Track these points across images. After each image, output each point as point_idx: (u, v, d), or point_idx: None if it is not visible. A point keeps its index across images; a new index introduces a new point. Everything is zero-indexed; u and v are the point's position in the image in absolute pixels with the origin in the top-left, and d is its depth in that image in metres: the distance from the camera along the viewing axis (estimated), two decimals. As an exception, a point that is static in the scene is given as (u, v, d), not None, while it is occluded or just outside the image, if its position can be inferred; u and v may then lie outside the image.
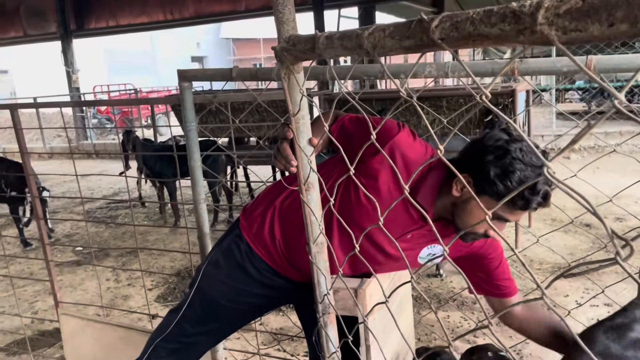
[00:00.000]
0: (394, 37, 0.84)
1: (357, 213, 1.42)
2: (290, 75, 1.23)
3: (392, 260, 1.49)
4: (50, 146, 12.34)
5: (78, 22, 12.02)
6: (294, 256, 1.55)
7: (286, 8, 1.21)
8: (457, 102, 4.88)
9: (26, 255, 5.03)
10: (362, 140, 1.04)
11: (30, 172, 2.39)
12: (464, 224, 1.31)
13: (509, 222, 1.28)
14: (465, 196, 1.27)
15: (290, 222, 1.56)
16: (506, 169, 1.16)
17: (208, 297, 1.64)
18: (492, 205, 1.19)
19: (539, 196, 1.16)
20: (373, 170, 1.38)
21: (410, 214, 1.40)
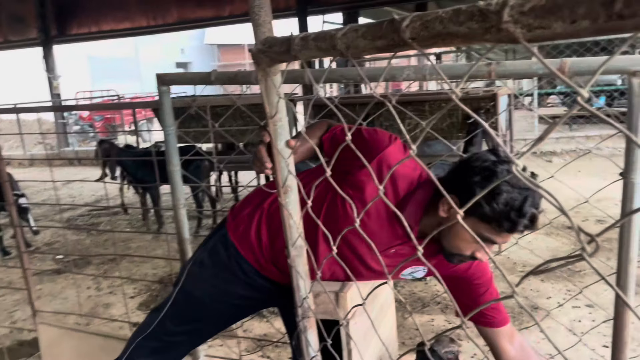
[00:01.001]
0: (367, 37, 0.84)
1: (343, 225, 1.40)
2: (266, 77, 1.22)
3: (373, 274, 1.48)
4: (31, 153, 12.17)
5: (59, 27, 11.89)
6: (279, 258, 1.55)
7: (262, 10, 1.21)
8: (440, 106, 4.92)
9: (5, 264, 4.94)
10: (352, 152, 1.03)
11: (5, 179, 2.34)
12: (450, 245, 1.30)
13: (496, 244, 1.26)
14: (451, 217, 1.25)
15: (277, 224, 1.55)
16: (492, 190, 1.15)
17: (192, 296, 1.63)
18: (478, 227, 1.19)
19: (526, 219, 1.16)
20: (360, 182, 1.38)
21: (395, 229, 1.39)
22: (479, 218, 1.19)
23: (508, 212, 1.14)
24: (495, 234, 1.21)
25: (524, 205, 1.14)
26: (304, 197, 1.15)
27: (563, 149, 8.83)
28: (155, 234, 5.61)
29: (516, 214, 1.15)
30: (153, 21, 11.18)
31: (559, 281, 3.87)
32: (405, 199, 1.36)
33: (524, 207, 1.15)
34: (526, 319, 3.37)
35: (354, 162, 1.32)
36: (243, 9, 10.23)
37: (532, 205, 1.15)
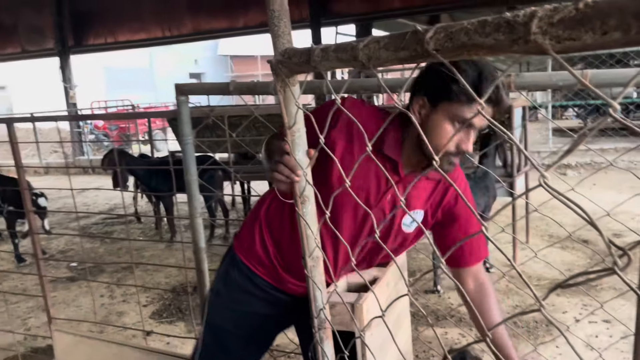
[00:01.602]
0: (389, 48, 0.84)
1: (334, 188, 1.41)
2: (285, 88, 1.23)
3: (380, 232, 1.49)
4: (47, 162, 12.32)
5: (76, 38, 12.07)
6: (290, 261, 1.54)
7: (281, 21, 1.22)
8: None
9: (20, 271, 4.98)
10: (318, 126, 1.16)
11: (25, 187, 2.37)
12: (434, 145, 1.26)
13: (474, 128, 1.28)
14: (426, 116, 1.28)
15: (277, 226, 1.56)
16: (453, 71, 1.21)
17: (216, 328, 1.63)
18: (450, 111, 1.24)
19: (489, 82, 1.19)
20: (332, 144, 1.38)
21: (380, 176, 1.39)
22: (448, 100, 1.23)
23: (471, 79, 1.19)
24: (467, 108, 1.23)
25: (482, 72, 1.20)
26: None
27: (578, 162, 8.75)
28: (168, 243, 5.64)
29: (478, 79, 1.19)
30: (168, 32, 11.31)
31: (575, 295, 3.81)
32: (381, 138, 1.36)
33: (483, 73, 1.20)
34: (541, 334, 3.33)
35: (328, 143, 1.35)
36: (257, 21, 10.32)
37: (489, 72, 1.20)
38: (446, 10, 10.51)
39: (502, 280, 4.23)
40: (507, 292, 4.03)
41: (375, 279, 1.65)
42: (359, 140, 1.38)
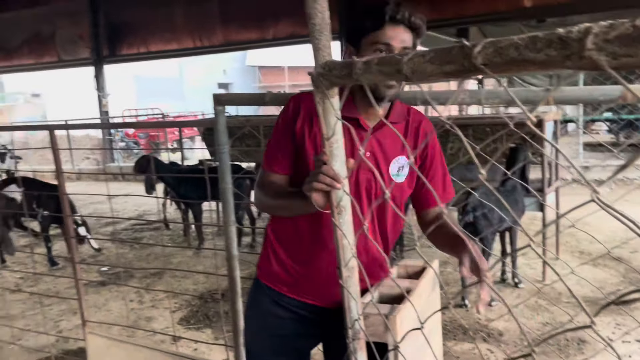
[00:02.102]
0: (434, 62, 0.85)
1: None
2: (325, 99, 1.25)
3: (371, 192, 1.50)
4: (79, 168, 12.61)
5: (110, 48, 12.38)
6: (308, 266, 1.55)
7: (323, 35, 1.24)
8: (483, 131, 4.87)
9: (52, 274, 5.10)
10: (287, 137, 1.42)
11: (64, 192, 2.44)
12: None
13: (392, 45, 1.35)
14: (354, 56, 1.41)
15: (287, 237, 1.58)
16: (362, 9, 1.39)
17: (256, 355, 1.66)
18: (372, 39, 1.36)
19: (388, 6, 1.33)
20: (298, 135, 1.47)
21: (351, 138, 1.43)
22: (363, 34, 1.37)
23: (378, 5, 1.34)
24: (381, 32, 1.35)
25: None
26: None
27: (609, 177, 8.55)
28: (196, 250, 5.70)
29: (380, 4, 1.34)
30: (199, 42, 11.50)
31: (608, 314, 3.72)
32: None
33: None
34: (573, 352, 3.26)
35: (297, 131, 1.47)
36: (286, 32, 10.43)
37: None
38: (476, 24, 10.45)
39: (532, 296, 4.16)
40: (536, 308, 3.96)
41: (408, 291, 1.65)
42: (316, 121, 1.45)
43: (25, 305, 4.34)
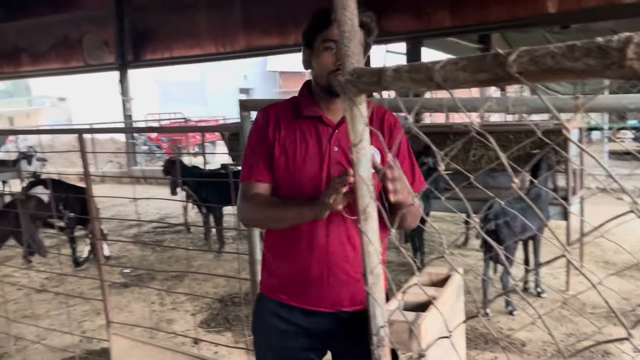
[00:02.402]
0: (467, 70, 0.85)
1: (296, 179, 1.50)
2: (353, 106, 1.25)
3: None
4: (102, 170, 12.81)
5: (135, 53, 12.58)
6: (298, 267, 1.54)
7: (352, 42, 1.24)
8: (507, 138, 4.82)
9: (77, 274, 5.18)
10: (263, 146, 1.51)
11: (91, 194, 2.49)
12: (321, 74, 1.48)
13: (336, 41, 1.42)
14: (311, 61, 1.51)
15: (274, 242, 1.60)
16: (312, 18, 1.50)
17: None
18: (320, 41, 1.46)
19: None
20: (271, 142, 1.53)
21: (317, 136, 1.50)
22: (316, 33, 1.47)
23: (323, 9, 1.44)
24: (330, 29, 1.44)
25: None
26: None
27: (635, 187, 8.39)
28: (217, 254, 5.74)
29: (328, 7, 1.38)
30: (222, 48, 11.63)
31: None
32: (297, 111, 1.54)
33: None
34: (598, 364, 3.20)
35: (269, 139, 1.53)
36: (308, 38, 10.46)
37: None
38: (498, 30, 10.37)
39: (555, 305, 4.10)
40: (560, 319, 3.90)
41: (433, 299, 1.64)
42: (284, 124, 1.53)
43: (50, 305, 4.41)
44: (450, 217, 7.09)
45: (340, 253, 1.51)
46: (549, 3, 8.35)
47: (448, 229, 6.75)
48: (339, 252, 1.51)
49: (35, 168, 9.05)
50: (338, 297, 1.53)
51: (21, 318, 3.99)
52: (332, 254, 1.50)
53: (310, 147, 1.50)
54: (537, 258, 4.37)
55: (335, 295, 1.53)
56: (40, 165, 9.27)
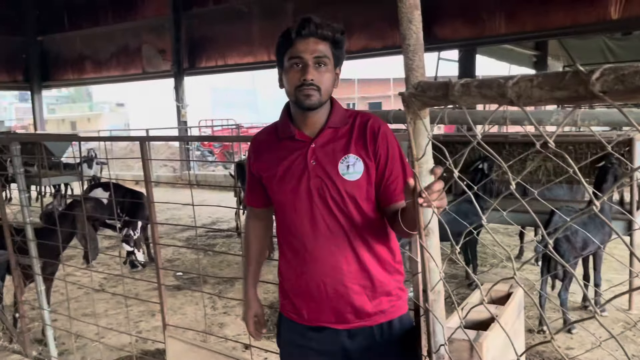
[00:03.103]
0: (543, 87, 0.82)
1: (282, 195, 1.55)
2: (416, 120, 1.24)
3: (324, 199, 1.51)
4: (157, 175, 13.22)
5: (190, 61, 12.97)
6: (301, 281, 1.55)
7: (417, 55, 1.24)
8: (566, 149, 4.65)
9: (132, 276, 5.36)
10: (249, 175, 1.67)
11: (152, 200, 2.57)
12: (292, 90, 1.50)
13: (302, 57, 1.46)
14: (282, 78, 1.55)
15: (282, 262, 1.64)
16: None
17: None
18: (287, 59, 1.50)
19: (296, 23, 1.47)
20: (259, 172, 1.62)
21: (296, 154, 1.52)
22: (282, 54, 1.52)
23: (286, 29, 1.51)
24: (294, 47, 1.48)
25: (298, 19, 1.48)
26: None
27: None
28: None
29: (293, 25, 1.49)
30: (274, 56, 11.77)
31: None
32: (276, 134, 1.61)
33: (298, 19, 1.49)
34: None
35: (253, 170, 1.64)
36: (359, 46, 10.47)
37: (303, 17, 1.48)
38: (557, 36, 10.05)
39: (616, 325, 3.91)
40: (621, 339, 3.72)
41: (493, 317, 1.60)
42: (266, 149, 1.59)
43: (108, 305, 4.58)
44: (503, 229, 6.89)
45: (331, 264, 1.50)
46: (612, 9, 8.03)
47: (501, 241, 6.57)
48: (329, 263, 1.50)
49: (95, 171, 9.44)
50: (340, 310, 1.52)
51: (81, 316, 4.15)
52: (323, 265, 1.50)
53: (290, 165, 1.53)
54: (598, 274, 4.18)
55: (336, 308, 1.52)
56: (100, 168, 9.66)
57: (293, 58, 1.48)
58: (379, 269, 1.52)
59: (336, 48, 1.51)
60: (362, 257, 1.51)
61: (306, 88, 1.46)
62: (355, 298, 1.50)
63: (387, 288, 1.53)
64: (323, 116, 1.54)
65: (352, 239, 1.51)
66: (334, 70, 1.52)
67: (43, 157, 6.39)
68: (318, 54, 1.46)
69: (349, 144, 1.52)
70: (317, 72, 1.47)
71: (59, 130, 31.24)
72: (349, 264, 1.50)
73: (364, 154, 1.51)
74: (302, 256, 1.53)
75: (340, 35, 1.51)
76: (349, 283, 1.50)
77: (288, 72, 1.50)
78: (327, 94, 1.51)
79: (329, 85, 1.50)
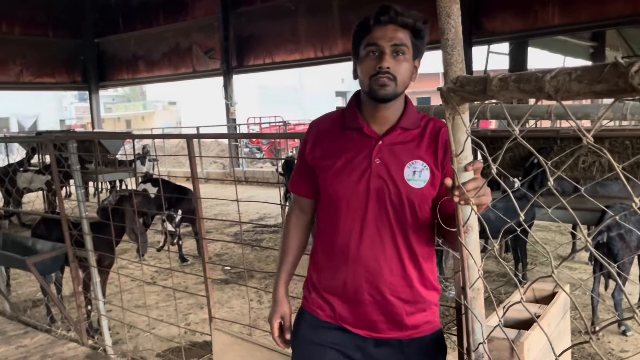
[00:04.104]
0: (582, 81, 0.80)
1: (335, 190, 1.46)
2: (455, 115, 1.22)
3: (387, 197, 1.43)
4: (207, 171, 13.53)
5: (239, 59, 13.21)
6: (334, 280, 1.49)
7: (455, 50, 1.22)
8: (622, 144, 4.45)
9: (182, 270, 5.52)
10: (301, 162, 1.57)
11: (199, 196, 2.64)
12: (366, 79, 1.41)
13: (379, 44, 1.38)
14: (357, 68, 1.46)
15: (314, 254, 1.57)
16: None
17: None
18: (362, 46, 1.42)
19: (375, 10, 1.40)
20: (308, 160, 1.53)
21: (361, 147, 1.44)
22: (360, 40, 1.43)
23: (364, 17, 1.43)
24: (371, 34, 1.40)
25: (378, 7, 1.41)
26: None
27: None
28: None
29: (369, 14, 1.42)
30: (320, 53, 11.88)
31: None
32: (341, 123, 1.52)
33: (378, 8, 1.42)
34: None
35: (307, 157, 1.54)
36: (406, 40, 10.37)
37: (382, 5, 1.40)
38: (615, 26, 9.61)
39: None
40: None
41: (537, 317, 1.56)
42: (327, 138, 1.51)
43: (159, 297, 4.74)
44: (555, 227, 6.67)
45: (374, 270, 1.43)
46: (675, -5, 7.62)
47: (553, 239, 6.37)
48: (372, 269, 1.43)
49: (148, 168, 9.76)
50: (373, 319, 1.45)
51: (134, 307, 4.32)
52: (365, 269, 1.43)
53: (352, 158, 1.45)
54: (656, 275, 4.00)
55: (369, 315, 1.45)
56: (152, 165, 9.98)
57: (370, 45, 1.39)
58: (420, 284, 1.46)
59: (416, 37, 1.41)
60: (407, 268, 1.44)
61: (382, 76, 1.37)
62: (392, 310, 1.44)
63: (424, 304, 1.47)
64: (395, 113, 1.46)
65: (400, 248, 1.44)
66: (412, 61, 1.42)
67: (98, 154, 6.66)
68: (397, 42, 1.38)
69: (419, 149, 1.44)
70: (395, 61, 1.38)
71: (115, 128, 32.50)
72: (392, 274, 1.43)
73: (433, 163, 1.43)
74: (345, 255, 1.45)
75: (422, 24, 1.41)
76: (389, 294, 1.43)
77: (363, 61, 1.42)
78: (404, 85, 1.42)
79: (406, 77, 1.41)
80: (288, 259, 1.67)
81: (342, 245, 1.45)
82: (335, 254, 1.48)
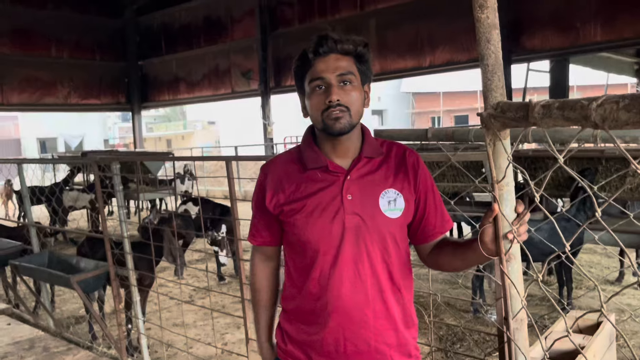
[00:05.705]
0: (631, 110, 0.78)
1: (306, 234, 1.37)
2: (496, 141, 1.21)
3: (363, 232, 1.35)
4: (245, 190, 13.69)
5: (276, 80, 13.41)
6: (319, 330, 1.38)
7: (495, 75, 1.20)
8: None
9: (220, 289, 5.56)
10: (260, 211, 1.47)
11: (236, 217, 2.67)
12: (316, 115, 1.36)
13: (324, 77, 1.33)
14: (305, 105, 1.41)
15: (292, 303, 1.45)
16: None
17: None
18: (307, 82, 1.37)
19: (312, 42, 1.36)
20: (271, 207, 1.43)
21: (328, 186, 1.37)
22: (303, 77, 1.39)
23: (302, 51, 1.39)
24: (313, 68, 1.35)
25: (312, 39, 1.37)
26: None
27: None
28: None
29: (308, 46, 1.37)
30: (356, 73, 11.92)
31: None
32: (303, 165, 1.42)
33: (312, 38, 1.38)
34: None
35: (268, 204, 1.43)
36: (443, 59, 10.32)
37: (317, 34, 1.36)
38: (661, 42, 9.31)
39: None
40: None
41: (581, 348, 1.50)
42: (288, 181, 1.41)
43: (197, 316, 4.79)
44: (601, 249, 6.43)
45: (356, 317, 1.34)
46: None
47: (599, 262, 6.14)
48: (354, 316, 1.34)
49: (187, 187, 9.95)
50: None
51: (172, 326, 4.37)
52: (345, 318, 1.34)
53: (321, 199, 1.36)
54: None
55: None
56: (192, 184, 10.17)
57: (314, 80, 1.34)
58: (403, 324, 1.39)
59: (361, 62, 1.37)
60: (391, 309, 1.36)
61: (333, 110, 1.31)
62: (377, 357, 1.36)
63: (408, 347, 1.40)
64: (356, 143, 1.40)
65: (383, 287, 1.36)
66: (361, 87, 1.37)
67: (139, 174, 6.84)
68: (342, 71, 1.33)
69: (388, 176, 1.39)
70: (343, 91, 1.32)
71: (156, 147, 33.35)
72: (375, 317, 1.35)
73: (405, 189, 1.38)
74: (321, 304, 1.35)
75: (363, 48, 1.37)
76: (374, 341, 1.35)
77: (311, 97, 1.36)
78: (358, 115, 1.35)
79: (358, 105, 1.35)
80: (265, 313, 1.60)
81: (316, 292, 1.36)
82: (310, 302, 1.38)
